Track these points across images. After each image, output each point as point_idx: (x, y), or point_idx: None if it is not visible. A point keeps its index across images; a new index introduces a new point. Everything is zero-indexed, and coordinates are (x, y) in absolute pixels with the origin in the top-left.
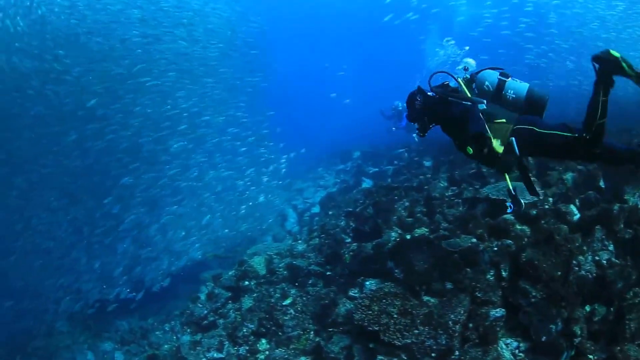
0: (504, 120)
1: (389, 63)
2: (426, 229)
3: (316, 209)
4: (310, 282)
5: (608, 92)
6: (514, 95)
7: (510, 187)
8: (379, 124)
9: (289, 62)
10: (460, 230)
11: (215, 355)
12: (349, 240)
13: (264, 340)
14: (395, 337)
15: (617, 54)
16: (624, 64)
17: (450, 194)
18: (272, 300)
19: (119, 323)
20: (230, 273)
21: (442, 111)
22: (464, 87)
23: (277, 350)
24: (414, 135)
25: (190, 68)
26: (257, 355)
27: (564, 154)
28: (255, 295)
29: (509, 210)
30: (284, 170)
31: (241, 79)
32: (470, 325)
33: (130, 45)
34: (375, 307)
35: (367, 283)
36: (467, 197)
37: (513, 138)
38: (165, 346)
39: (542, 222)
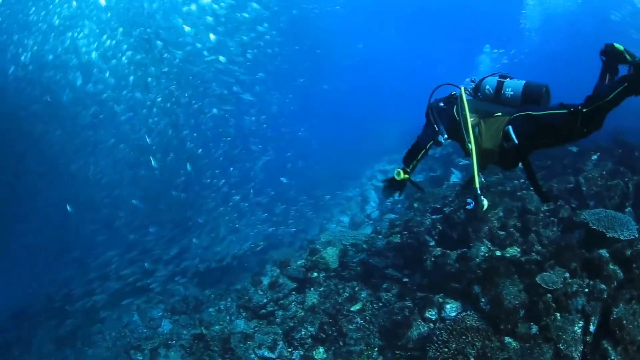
0: (500, 113)
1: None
2: (518, 249)
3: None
4: (384, 286)
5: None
6: (511, 92)
7: (477, 183)
8: None
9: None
10: (554, 259)
11: (265, 353)
12: (432, 243)
13: (321, 349)
14: None
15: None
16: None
17: (546, 209)
18: (339, 300)
19: (175, 288)
20: (299, 263)
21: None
22: (464, 98)
23: None
24: None
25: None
26: None
27: (560, 134)
28: (322, 289)
29: (468, 207)
30: None
31: None
32: None
33: None
34: (452, 345)
35: (448, 306)
36: (563, 218)
37: (510, 126)
38: (216, 327)
39: (634, 266)
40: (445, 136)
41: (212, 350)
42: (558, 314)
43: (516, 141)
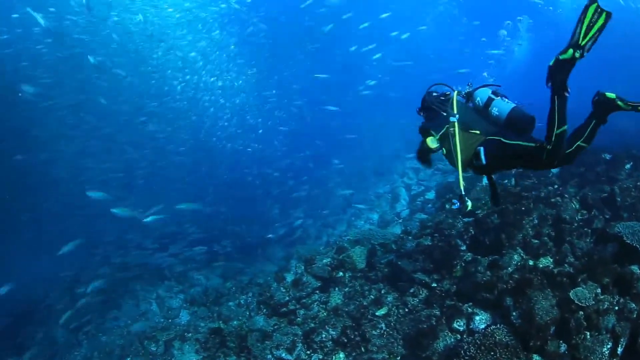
0: (478, 131)
1: None
2: (551, 259)
3: (431, 195)
4: (411, 290)
5: (565, 101)
6: (497, 113)
7: (462, 186)
8: None
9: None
10: (587, 272)
11: (283, 355)
12: (464, 247)
13: (342, 354)
14: None
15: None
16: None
17: (580, 218)
18: (364, 303)
19: (196, 277)
20: (325, 261)
21: (429, 118)
22: (454, 98)
23: None
24: None
25: None
26: None
27: (528, 163)
28: (346, 290)
29: (454, 207)
30: None
31: None
32: None
33: None
34: None
35: (477, 318)
36: (597, 229)
37: (481, 147)
38: (235, 322)
39: None
40: (458, 116)
41: (228, 347)
42: (588, 333)
43: (484, 162)
